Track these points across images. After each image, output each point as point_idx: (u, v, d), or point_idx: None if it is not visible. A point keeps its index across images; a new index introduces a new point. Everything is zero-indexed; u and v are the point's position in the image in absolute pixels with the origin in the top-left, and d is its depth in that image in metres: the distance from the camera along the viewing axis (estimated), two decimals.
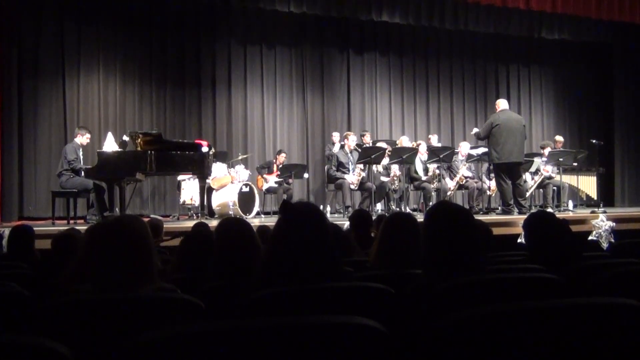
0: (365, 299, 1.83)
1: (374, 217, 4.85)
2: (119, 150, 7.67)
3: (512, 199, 8.20)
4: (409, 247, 2.47)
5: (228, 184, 8.65)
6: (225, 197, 8.51)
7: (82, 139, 7.80)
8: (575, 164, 9.36)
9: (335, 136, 10.16)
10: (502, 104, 8.46)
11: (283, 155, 9.56)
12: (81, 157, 7.73)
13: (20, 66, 9.09)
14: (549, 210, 7.54)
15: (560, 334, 1.31)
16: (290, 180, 9.27)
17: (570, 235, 2.69)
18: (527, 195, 8.84)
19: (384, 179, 9.16)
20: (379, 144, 9.16)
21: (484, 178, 9.28)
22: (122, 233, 1.92)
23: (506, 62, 12.49)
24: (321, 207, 8.75)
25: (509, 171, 8.15)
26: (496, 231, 5.32)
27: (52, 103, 9.38)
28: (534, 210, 8.02)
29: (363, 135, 9.96)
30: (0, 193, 8.31)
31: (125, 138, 7.86)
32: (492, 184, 9.20)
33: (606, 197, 11.16)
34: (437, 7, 10.49)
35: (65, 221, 7.47)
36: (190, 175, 8.41)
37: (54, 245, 3.32)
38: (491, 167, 9.12)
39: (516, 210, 8.16)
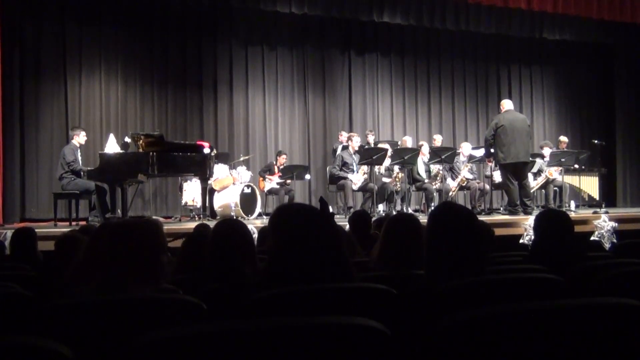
0: (367, 300, 1.83)
1: (376, 218, 4.86)
2: (121, 151, 7.67)
3: (518, 200, 8.19)
4: (411, 248, 2.46)
5: (230, 185, 8.65)
6: (227, 199, 8.51)
7: (79, 138, 7.72)
8: (576, 165, 9.34)
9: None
10: (506, 104, 8.44)
11: (284, 156, 9.53)
12: (79, 158, 7.67)
13: (21, 67, 9.11)
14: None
15: (563, 335, 1.31)
16: (289, 181, 9.23)
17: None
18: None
19: (385, 180, 9.15)
20: (380, 145, 9.16)
21: (490, 173, 9.26)
22: (134, 235, 1.92)
23: (507, 62, 12.47)
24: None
25: (515, 171, 8.13)
26: (498, 232, 5.33)
27: (53, 104, 9.39)
28: (536, 210, 8.02)
29: (367, 135, 9.93)
30: (2, 194, 8.31)
31: (127, 139, 7.86)
32: (496, 175, 9.17)
33: (608, 197, 11.14)
34: (439, 7, 10.50)
35: (67, 223, 7.45)
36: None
37: (57, 247, 3.32)
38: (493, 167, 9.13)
39: (521, 210, 8.15)
